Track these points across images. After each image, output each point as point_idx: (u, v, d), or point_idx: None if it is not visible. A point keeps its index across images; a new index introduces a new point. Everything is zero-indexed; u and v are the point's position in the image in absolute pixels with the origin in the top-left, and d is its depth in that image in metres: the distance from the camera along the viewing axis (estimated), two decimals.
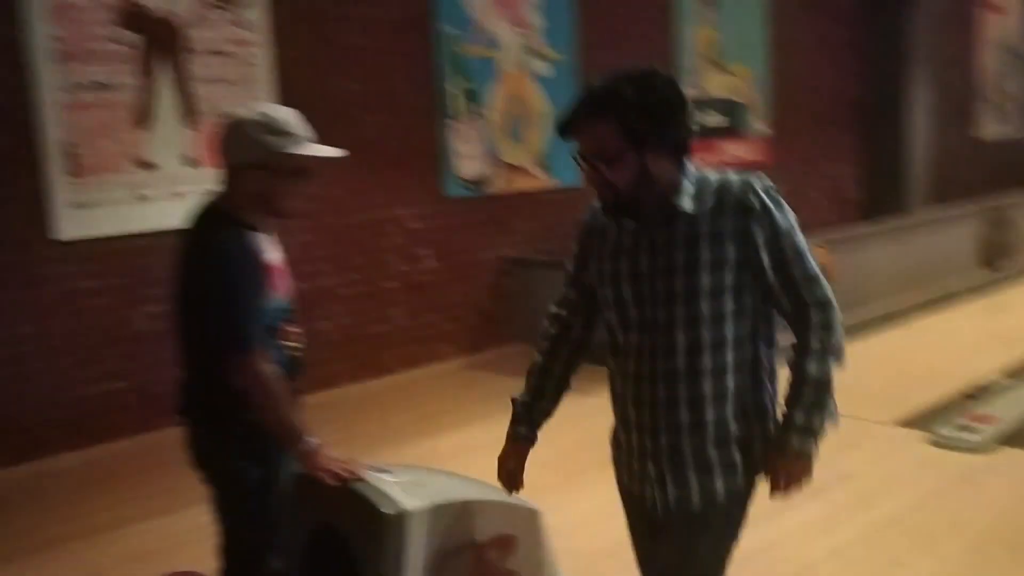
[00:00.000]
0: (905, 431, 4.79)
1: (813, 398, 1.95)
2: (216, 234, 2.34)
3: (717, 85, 8.43)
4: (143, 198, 5.06)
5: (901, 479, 4.17)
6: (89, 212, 4.88)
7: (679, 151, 1.95)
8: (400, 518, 2.21)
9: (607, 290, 2.04)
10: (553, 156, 6.96)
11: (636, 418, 2.04)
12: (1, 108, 4.62)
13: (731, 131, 8.61)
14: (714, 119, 8.43)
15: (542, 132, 6.89)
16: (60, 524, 4.09)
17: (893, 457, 4.45)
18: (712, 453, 1.98)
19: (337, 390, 5.77)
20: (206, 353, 2.36)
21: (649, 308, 1.97)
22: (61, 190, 4.79)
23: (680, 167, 1.95)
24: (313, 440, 2.35)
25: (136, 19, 4.97)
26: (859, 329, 6.96)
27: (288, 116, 2.40)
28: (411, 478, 2.41)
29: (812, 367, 1.95)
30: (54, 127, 4.74)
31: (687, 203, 1.93)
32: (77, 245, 4.86)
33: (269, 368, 2.31)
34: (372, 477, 2.34)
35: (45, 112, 4.70)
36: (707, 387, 1.95)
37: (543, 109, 6.90)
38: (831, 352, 1.96)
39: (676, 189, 1.93)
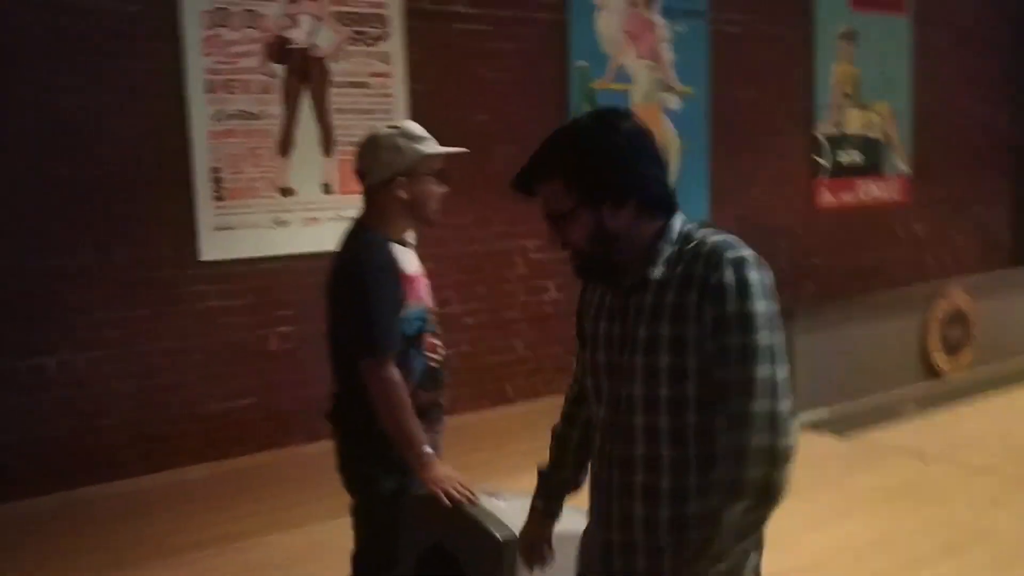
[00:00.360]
0: None
1: (703, 542, 1.56)
2: (356, 246, 2.47)
3: (857, 122, 8.18)
4: (280, 222, 5.27)
5: None
6: (230, 235, 5.12)
7: (652, 205, 1.68)
8: (512, 543, 2.19)
9: (586, 353, 1.81)
10: (680, 190, 6.85)
11: (593, 502, 1.82)
12: (159, 135, 4.92)
13: (870, 170, 8.32)
14: (852, 157, 8.17)
15: (670, 166, 6.83)
16: (186, 533, 4.23)
17: None
18: (668, 557, 1.67)
19: (457, 417, 5.75)
20: (347, 361, 2.45)
21: (615, 382, 1.71)
22: (206, 213, 5.04)
23: (658, 224, 1.68)
24: (431, 452, 2.38)
25: (281, 51, 5.22)
26: (1005, 380, 6.58)
27: (414, 123, 2.55)
28: (524, 505, 2.39)
29: (709, 502, 1.56)
30: (202, 153, 5.01)
31: (656, 269, 1.64)
32: (217, 266, 5.10)
33: (394, 376, 2.37)
34: (485, 500, 2.34)
35: (195, 139, 4.98)
36: (665, 481, 1.65)
37: (673, 143, 6.84)
38: (734, 490, 1.53)
39: (650, 250, 1.66)
